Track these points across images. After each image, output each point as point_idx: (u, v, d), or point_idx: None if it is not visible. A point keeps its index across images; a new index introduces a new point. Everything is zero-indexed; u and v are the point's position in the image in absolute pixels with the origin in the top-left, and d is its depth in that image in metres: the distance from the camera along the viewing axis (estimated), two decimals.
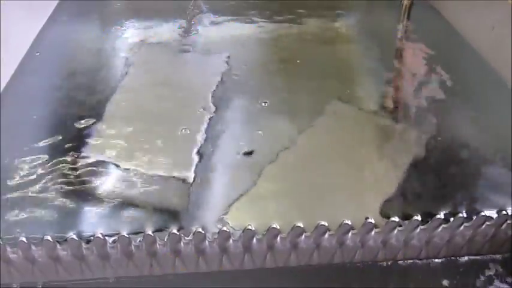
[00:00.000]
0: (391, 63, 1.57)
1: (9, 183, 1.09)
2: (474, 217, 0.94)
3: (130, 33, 1.74)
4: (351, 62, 1.60)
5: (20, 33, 1.57)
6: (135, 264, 0.91)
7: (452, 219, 0.93)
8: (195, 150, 1.20)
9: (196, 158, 1.17)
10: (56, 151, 1.18)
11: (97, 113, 1.32)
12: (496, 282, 0.92)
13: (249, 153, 1.18)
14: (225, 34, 1.73)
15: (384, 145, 1.22)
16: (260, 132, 1.26)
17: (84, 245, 0.88)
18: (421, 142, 1.22)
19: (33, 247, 0.88)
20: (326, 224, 0.89)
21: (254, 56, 1.61)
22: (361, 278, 0.93)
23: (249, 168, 1.15)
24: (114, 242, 0.88)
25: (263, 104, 1.36)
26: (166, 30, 1.74)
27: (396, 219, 0.91)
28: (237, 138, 1.24)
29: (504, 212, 0.94)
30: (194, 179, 1.11)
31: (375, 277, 0.93)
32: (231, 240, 0.90)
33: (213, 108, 1.34)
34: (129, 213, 1.03)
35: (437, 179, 1.12)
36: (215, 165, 1.16)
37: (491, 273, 0.93)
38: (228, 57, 1.58)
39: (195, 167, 1.15)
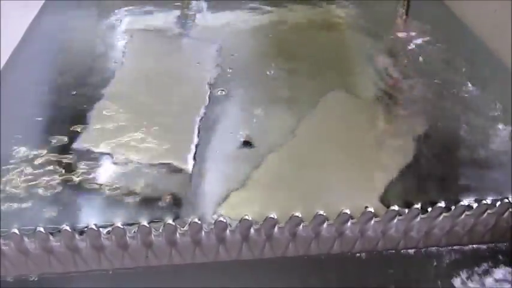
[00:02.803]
0: (390, 49, 1.55)
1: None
2: (475, 205, 0.92)
3: (126, 21, 1.70)
4: (349, 49, 1.57)
5: (14, 21, 1.54)
6: (131, 256, 0.89)
7: (453, 207, 0.91)
8: (192, 139, 1.18)
9: (193, 147, 1.15)
10: (48, 141, 1.17)
11: (93, 101, 1.30)
12: (498, 271, 0.90)
13: (247, 143, 1.17)
14: (221, 22, 1.70)
15: (384, 132, 1.20)
16: (258, 121, 1.24)
17: (77, 237, 0.86)
18: (421, 128, 1.20)
19: (25, 239, 0.86)
20: (324, 214, 0.88)
21: (251, 44, 1.59)
22: (361, 268, 0.91)
23: (247, 157, 1.13)
24: (108, 233, 0.87)
25: (259, 91, 1.34)
26: (162, 18, 1.71)
27: (396, 208, 0.89)
28: (235, 127, 1.22)
29: (506, 201, 0.93)
30: (192, 168, 1.10)
31: (375, 267, 0.91)
32: (228, 231, 0.88)
33: (210, 96, 1.32)
34: (126, 203, 1.01)
35: (437, 165, 1.11)
36: (213, 154, 1.14)
37: (493, 262, 0.92)
38: (224, 44, 1.55)
39: (193, 156, 1.13)
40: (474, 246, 0.94)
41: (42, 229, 0.85)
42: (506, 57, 1.39)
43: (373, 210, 0.89)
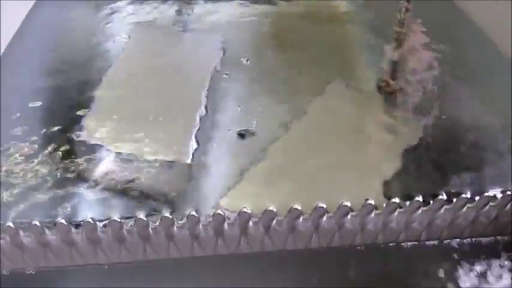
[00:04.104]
0: (390, 41, 1.53)
1: None
2: (477, 198, 0.91)
3: (125, 12, 1.69)
4: (349, 41, 1.56)
5: (9, 12, 1.51)
6: (128, 250, 0.88)
7: (455, 200, 0.90)
8: (193, 132, 1.16)
9: (194, 140, 1.14)
10: (46, 134, 1.15)
11: (91, 93, 1.29)
12: (499, 264, 0.89)
13: (243, 135, 1.15)
14: (221, 14, 1.68)
15: (385, 125, 1.19)
16: (258, 113, 1.22)
17: (73, 230, 0.85)
18: (422, 121, 1.19)
19: (21, 232, 0.85)
20: (324, 206, 0.86)
21: (251, 36, 1.57)
22: (361, 261, 0.90)
23: (247, 149, 1.12)
24: (104, 226, 0.85)
25: (260, 83, 1.33)
26: (162, 10, 1.70)
27: (397, 200, 0.88)
28: (236, 120, 1.21)
29: (508, 193, 0.91)
30: (191, 161, 1.08)
31: (375, 260, 0.90)
32: (226, 224, 0.87)
33: (210, 89, 1.30)
34: (124, 197, 1.00)
35: (439, 158, 1.10)
36: (213, 146, 1.13)
37: (495, 254, 0.91)
38: (224, 37, 1.54)
39: (192, 149, 1.12)
40: (476, 239, 0.93)
41: (37, 222, 0.83)
42: (507, 48, 1.38)
43: (373, 203, 0.87)
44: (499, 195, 0.91)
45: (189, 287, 0.87)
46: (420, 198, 0.88)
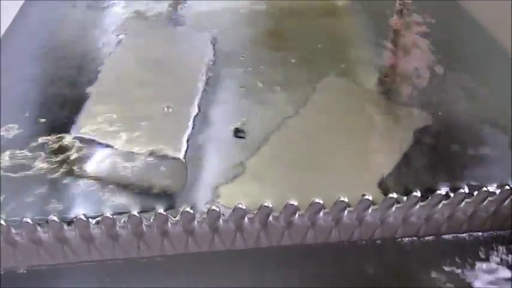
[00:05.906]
0: (388, 36, 1.52)
1: None
2: (476, 192, 0.90)
3: (119, 6, 1.67)
4: (346, 35, 1.54)
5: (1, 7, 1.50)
6: (121, 247, 0.87)
7: (453, 195, 0.89)
8: (187, 126, 1.15)
9: (187, 136, 1.13)
10: (38, 132, 1.14)
11: (84, 89, 1.27)
12: (498, 260, 0.88)
13: (237, 131, 1.14)
14: (215, 8, 1.66)
15: (381, 120, 1.18)
16: (253, 109, 1.21)
17: (66, 227, 0.83)
18: (420, 115, 1.18)
19: (12, 230, 0.83)
20: (321, 202, 0.85)
21: (246, 30, 1.55)
22: (359, 257, 0.89)
23: (242, 145, 1.10)
24: (97, 223, 0.84)
25: (255, 79, 1.31)
26: (155, 4, 1.68)
27: (394, 195, 0.87)
28: (230, 115, 1.19)
29: (507, 187, 0.90)
30: (185, 156, 1.07)
31: (372, 256, 0.89)
32: (221, 220, 0.86)
33: (204, 84, 1.29)
34: (117, 193, 0.99)
35: (437, 153, 1.09)
36: (207, 142, 1.11)
37: (494, 249, 0.90)
38: (219, 31, 1.52)
39: (186, 144, 1.10)
40: (474, 234, 0.92)
41: (29, 220, 0.82)
42: (507, 43, 1.37)
43: (370, 198, 0.86)
44: (498, 190, 0.90)
45: (184, 284, 0.86)
46: (418, 193, 0.87)
